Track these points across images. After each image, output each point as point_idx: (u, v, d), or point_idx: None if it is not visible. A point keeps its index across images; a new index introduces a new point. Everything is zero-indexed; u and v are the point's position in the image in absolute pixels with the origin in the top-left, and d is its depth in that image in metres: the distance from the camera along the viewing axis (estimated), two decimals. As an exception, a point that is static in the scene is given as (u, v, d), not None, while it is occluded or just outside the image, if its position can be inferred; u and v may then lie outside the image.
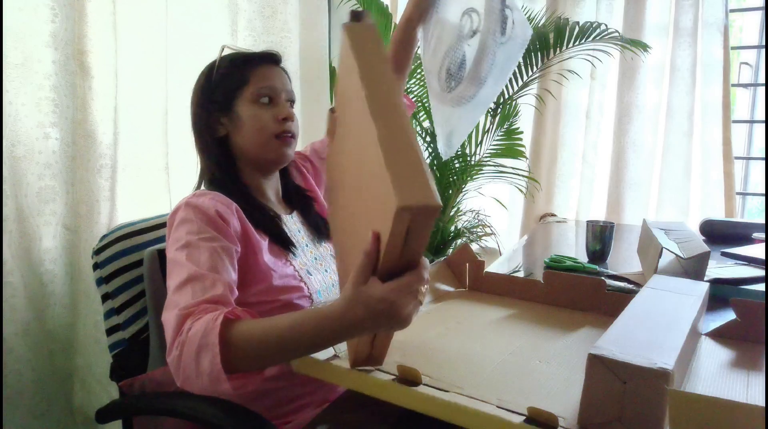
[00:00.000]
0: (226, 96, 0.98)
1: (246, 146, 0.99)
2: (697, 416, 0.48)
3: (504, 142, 2.34)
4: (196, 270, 0.80)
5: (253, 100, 0.97)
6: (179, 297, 0.77)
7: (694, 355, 0.78)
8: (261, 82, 0.98)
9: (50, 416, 1.31)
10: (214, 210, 0.88)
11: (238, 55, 1.01)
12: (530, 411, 0.56)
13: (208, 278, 0.79)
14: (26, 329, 1.24)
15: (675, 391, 0.49)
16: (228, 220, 0.89)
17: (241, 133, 0.98)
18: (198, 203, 0.89)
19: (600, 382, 0.54)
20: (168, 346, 0.74)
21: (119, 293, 1.03)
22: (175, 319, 0.74)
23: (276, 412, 0.94)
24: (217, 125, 1.00)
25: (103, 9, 1.32)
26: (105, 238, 1.04)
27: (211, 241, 0.85)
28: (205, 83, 1.01)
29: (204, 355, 0.69)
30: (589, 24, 2.04)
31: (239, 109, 0.98)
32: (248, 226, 0.93)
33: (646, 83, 2.40)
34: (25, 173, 1.23)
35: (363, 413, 0.72)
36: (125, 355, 1.03)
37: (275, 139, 0.97)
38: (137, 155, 1.47)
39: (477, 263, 1.06)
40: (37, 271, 1.27)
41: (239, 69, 0.99)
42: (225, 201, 0.92)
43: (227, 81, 0.99)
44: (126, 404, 0.97)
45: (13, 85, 1.19)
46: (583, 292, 0.95)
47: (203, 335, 0.69)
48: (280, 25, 1.85)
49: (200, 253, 0.82)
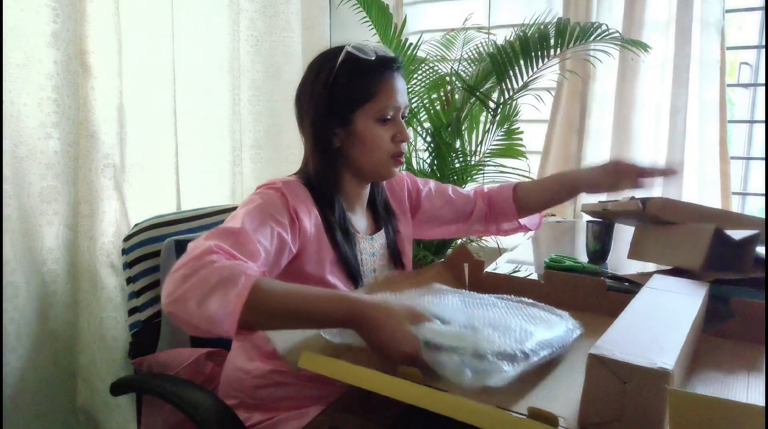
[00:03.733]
0: (347, 109, 0.94)
1: (360, 162, 0.97)
2: (697, 416, 0.48)
3: (504, 142, 2.34)
4: (248, 231, 0.80)
5: (375, 118, 0.94)
6: (217, 238, 0.76)
7: (694, 355, 0.78)
8: (385, 100, 0.93)
9: (53, 415, 1.32)
10: (293, 206, 0.89)
11: (363, 62, 0.93)
12: (530, 411, 0.56)
13: (253, 244, 0.79)
14: (29, 329, 1.24)
15: (675, 391, 0.49)
16: (303, 221, 0.90)
17: (357, 148, 0.95)
18: (284, 189, 0.91)
19: (600, 382, 0.55)
20: (178, 263, 0.72)
21: (140, 278, 1.14)
22: (202, 248, 0.72)
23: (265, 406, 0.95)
24: (332, 136, 0.95)
25: (105, 9, 1.32)
26: (136, 226, 1.15)
27: (279, 224, 0.86)
28: (322, 90, 0.94)
29: (224, 290, 0.67)
30: (590, 24, 2.04)
31: (358, 125, 0.94)
32: (323, 236, 0.94)
33: (644, 83, 2.40)
34: (27, 173, 1.23)
35: (361, 414, 0.72)
36: (140, 335, 1.15)
37: (391, 159, 0.97)
38: (144, 155, 1.48)
39: (476, 263, 1.06)
40: (40, 270, 1.27)
41: (362, 80, 0.93)
42: (309, 207, 0.94)
43: (348, 93, 0.93)
44: (130, 380, 1.07)
45: (14, 85, 1.19)
46: (583, 292, 0.96)
47: (232, 272, 0.69)
48: (282, 25, 1.86)
49: (261, 222, 0.83)
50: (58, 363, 1.33)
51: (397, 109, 0.96)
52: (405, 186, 1.18)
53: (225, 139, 1.76)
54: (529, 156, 2.38)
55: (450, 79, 2.35)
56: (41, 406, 1.29)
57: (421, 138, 2.38)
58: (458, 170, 2.33)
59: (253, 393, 0.98)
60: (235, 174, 1.80)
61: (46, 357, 1.29)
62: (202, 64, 1.68)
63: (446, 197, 1.21)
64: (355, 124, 0.94)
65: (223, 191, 1.79)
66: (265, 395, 0.97)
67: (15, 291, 1.20)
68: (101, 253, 1.35)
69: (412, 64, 2.31)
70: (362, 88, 0.93)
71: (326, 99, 0.94)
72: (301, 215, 0.90)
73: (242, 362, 1.00)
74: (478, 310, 0.79)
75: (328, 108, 0.94)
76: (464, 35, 2.55)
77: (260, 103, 1.88)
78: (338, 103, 0.94)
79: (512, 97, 2.23)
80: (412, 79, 2.34)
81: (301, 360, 0.71)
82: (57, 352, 1.32)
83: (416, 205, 1.19)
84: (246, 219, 0.82)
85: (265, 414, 0.96)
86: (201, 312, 0.67)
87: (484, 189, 1.27)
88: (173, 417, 1.01)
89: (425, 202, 1.19)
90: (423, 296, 0.84)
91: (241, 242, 0.78)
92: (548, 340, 0.69)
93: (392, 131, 0.96)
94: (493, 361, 0.62)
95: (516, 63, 2.10)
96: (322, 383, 0.95)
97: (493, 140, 2.36)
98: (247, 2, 1.78)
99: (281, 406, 0.96)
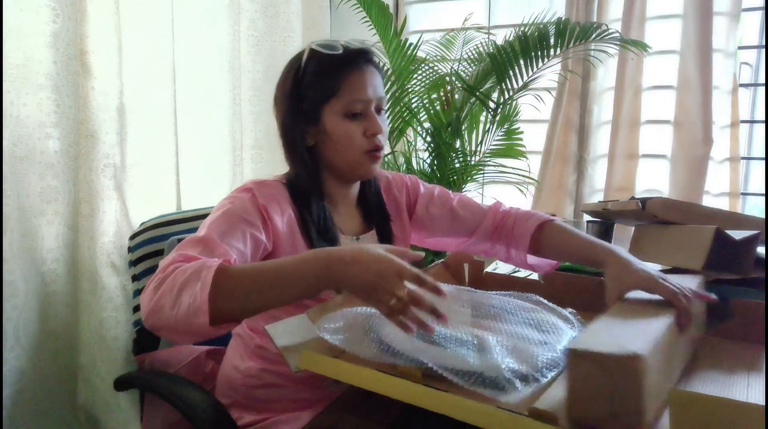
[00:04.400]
0: (314, 107, 0.93)
1: (334, 160, 0.95)
2: (697, 416, 0.48)
3: (504, 142, 2.34)
4: (214, 237, 0.80)
5: (342, 114, 0.92)
6: (185, 248, 0.77)
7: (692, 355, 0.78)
8: (351, 94, 0.91)
9: (53, 415, 1.32)
10: (262, 204, 0.89)
11: (326, 59, 0.91)
12: (530, 411, 0.56)
13: (221, 248, 0.79)
14: (28, 329, 1.24)
15: (675, 391, 0.49)
16: (273, 218, 0.90)
17: (329, 146, 0.94)
18: (254, 188, 0.91)
19: (579, 375, 0.55)
20: (149, 280, 0.73)
21: (144, 276, 1.16)
22: (168, 260, 0.74)
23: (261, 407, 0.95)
24: (305, 135, 0.95)
25: (105, 9, 1.32)
26: (142, 224, 1.18)
27: (249, 225, 0.85)
28: (292, 88, 0.94)
29: (191, 287, 0.68)
30: (590, 24, 2.04)
31: (327, 122, 0.93)
32: (297, 235, 0.93)
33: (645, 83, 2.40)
34: (27, 173, 1.23)
35: (361, 414, 0.72)
36: (144, 332, 1.17)
37: (365, 155, 0.94)
38: (144, 155, 1.48)
39: (476, 263, 1.06)
40: (40, 270, 1.27)
41: (328, 76, 0.92)
42: (282, 205, 0.93)
43: (316, 89, 0.93)
44: (131, 377, 1.09)
45: (14, 85, 1.19)
46: (583, 292, 0.96)
47: (195, 271, 0.69)
48: (283, 25, 1.86)
49: (230, 227, 0.83)
50: (58, 362, 1.33)
51: (367, 103, 0.93)
52: (404, 187, 1.14)
53: (225, 139, 1.76)
54: (530, 156, 2.38)
55: (450, 79, 2.35)
56: (41, 406, 1.29)
57: (421, 138, 2.38)
58: (458, 170, 2.33)
59: (246, 393, 0.98)
60: (235, 174, 1.80)
61: (46, 357, 1.29)
62: (202, 64, 1.68)
63: (447, 206, 1.12)
64: (323, 121, 0.93)
65: (224, 191, 1.79)
66: (257, 396, 0.97)
67: (14, 291, 1.20)
68: (101, 253, 1.35)
69: (412, 64, 2.31)
70: (327, 84, 0.92)
71: (295, 98, 0.94)
72: (272, 213, 0.90)
73: (236, 361, 1.00)
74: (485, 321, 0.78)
75: (297, 107, 0.94)
76: (464, 35, 2.55)
77: (261, 103, 1.88)
78: (306, 102, 0.93)
79: (512, 97, 2.23)
80: (412, 79, 2.34)
81: (302, 360, 0.71)
82: (57, 351, 1.32)
83: (411, 209, 1.14)
84: (212, 226, 0.82)
85: (257, 415, 0.96)
86: (176, 314, 0.68)
87: (505, 206, 1.14)
88: (173, 415, 1.01)
89: (420, 207, 1.13)
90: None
91: (208, 248, 0.78)
92: (557, 358, 0.68)
93: (364, 126, 0.93)
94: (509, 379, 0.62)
95: (516, 63, 2.10)
96: (315, 387, 0.94)
97: (493, 140, 2.36)
98: (247, 2, 1.78)
99: (273, 408, 0.96)
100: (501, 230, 1.10)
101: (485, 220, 1.11)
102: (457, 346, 0.67)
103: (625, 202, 1.18)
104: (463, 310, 0.81)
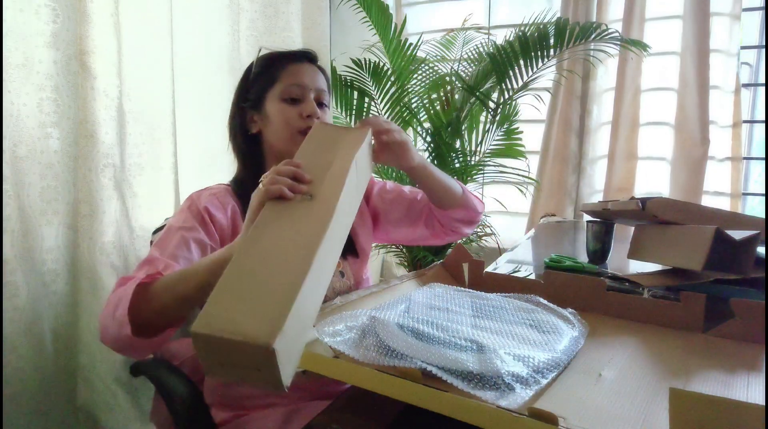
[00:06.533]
0: (258, 94, 1.03)
1: (273, 142, 1.03)
2: (697, 415, 0.48)
3: (504, 142, 2.34)
4: (157, 255, 0.88)
5: (281, 98, 1.01)
6: (135, 272, 0.86)
7: (692, 354, 0.78)
8: (289, 79, 1.01)
9: (53, 415, 1.32)
10: (204, 206, 0.96)
11: (272, 55, 1.05)
12: (530, 411, 0.56)
13: (162, 263, 0.86)
14: (29, 328, 1.24)
15: (675, 390, 0.49)
16: (215, 216, 0.96)
17: (270, 130, 1.03)
18: (195, 196, 0.99)
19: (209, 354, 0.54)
20: None
21: None
22: (115, 288, 0.83)
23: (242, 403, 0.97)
24: (250, 123, 1.05)
25: (105, 9, 1.32)
26: (167, 219, 1.18)
27: (189, 230, 0.92)
28: (242, 83, 1.07)
29: (121, 304, 0.77)
30: (590, 24, 2.04)
31: (268, 107, 1.02)
32: (240, 228, 0.95)
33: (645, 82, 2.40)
34: (27, 173, 1.23)
35: (361, 414, 0.72)
36: None
37: (299, 135, 1.00)
38: (144, 155, 1.48)
39: (476, 263, 1.06)
40: (40, 270, 1.27)
41: (271, 68, 1.03)
42: (223, 200, 1.00)
43: (260, 80, 1.03)
44: (140, 365, 1.12)
45: (14, 85, 1.19)
46: (583, 292, 0.96)
47: (125, 290, 0.78)
48: (283, 25, 1.86)
49: (170, 240, 0.91)
50: (58, 363, 1.33)
51: (303, 88, 1.01)
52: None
53: (225, 139, 1.76)
54: (529, 156, 2.38)
55: (450, 79, 2.35)
56: (41, 406, 1.29)
57: (421, 138, 2.38)
58: (458, 170, 2.33)
59: (222, 391, 1.00)
60: (234, 174, 1.80)
61: (46, 357, 1.29)
62: (202, 64, 1.68)
63: (399, 194, 1.17)
64: (265, 107, 1.02)
65: (223, 191, 1.79)
66: (229, 393, 0.98)
67: (15, 291, 1.20)
68: (101, 253, 1.35)
69: (412, 64, 2.32)
70: (269, 73, 1.03)
71: (243, 91, 1.06)
72: (214, 211, 0.96)
73: None
74: (484, 321, 0.78)
75: (244, 98, 1.05)
76: (464, 35, 2.55)
77: (260, 103, 1.88)
78: (252, 92, 1.04)
79: (512, 97, 2.23)
80: (412, 79, 2.34)
81: (301, 361, 0.71)
82: (57, 351, 1.32)
83: (368, 196, 1.18)
84: (156, 244, 0.91)
85: (229, 412, 0.97)
86: (116, 332, 0.77)
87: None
88: None
89: (375, 196, 1.18)
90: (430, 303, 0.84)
91: (153, 265, 0.86)
92: (557, 359, 0.68)
93: (300, 109, 1.01)
94: (508, 383, 0.61)
95: (516, 63, 2.10)
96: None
97: (493, 140, 2.36)
98: (247, 2, 1.78)
99: (245, 405, 0.97)
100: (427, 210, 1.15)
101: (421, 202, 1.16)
102: (457, 348, 0.67)
103: (625, 202, 1.18)
104: (463, 310, 0.81)
